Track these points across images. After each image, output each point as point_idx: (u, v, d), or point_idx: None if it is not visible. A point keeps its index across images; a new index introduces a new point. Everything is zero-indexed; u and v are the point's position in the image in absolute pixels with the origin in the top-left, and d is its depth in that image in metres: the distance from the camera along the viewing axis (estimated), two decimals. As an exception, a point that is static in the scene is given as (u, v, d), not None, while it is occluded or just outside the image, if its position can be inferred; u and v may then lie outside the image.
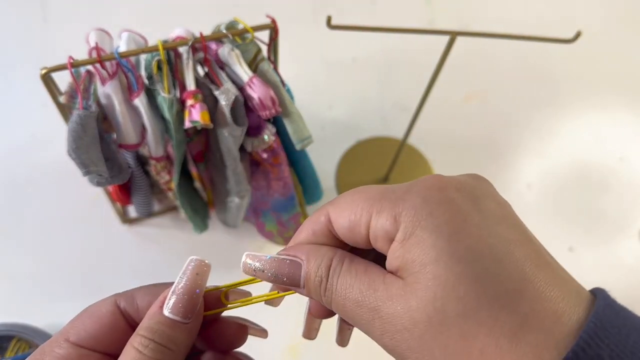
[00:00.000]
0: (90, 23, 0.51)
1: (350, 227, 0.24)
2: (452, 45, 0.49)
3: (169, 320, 0.24)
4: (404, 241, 0.21)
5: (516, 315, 0.19)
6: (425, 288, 0.20)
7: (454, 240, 0.20)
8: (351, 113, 0.82)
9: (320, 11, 0.92)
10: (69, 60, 0.42)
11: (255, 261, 0.25)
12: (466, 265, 0.20)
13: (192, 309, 0.24)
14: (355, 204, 0.24)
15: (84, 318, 0.26)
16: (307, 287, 0.24)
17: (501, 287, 0.20)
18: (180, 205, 0.58)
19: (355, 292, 0.22)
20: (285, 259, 0.25)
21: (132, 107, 0.47)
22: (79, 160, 0.44)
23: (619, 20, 0.96)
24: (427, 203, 0.22)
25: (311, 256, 0.24)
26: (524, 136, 0.82)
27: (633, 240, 0.73)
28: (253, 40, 0.47)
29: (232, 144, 0.49)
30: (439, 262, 0.20)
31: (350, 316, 0.23)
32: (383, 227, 0.22)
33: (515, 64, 0.89)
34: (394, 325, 0.21)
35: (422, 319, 0.20)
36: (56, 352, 0.24)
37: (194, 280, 0.25)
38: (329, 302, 0.24)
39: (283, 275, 0.24)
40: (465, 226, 0.21)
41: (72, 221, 0.69)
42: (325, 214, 0.25)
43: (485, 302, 0.19)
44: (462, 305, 0.20)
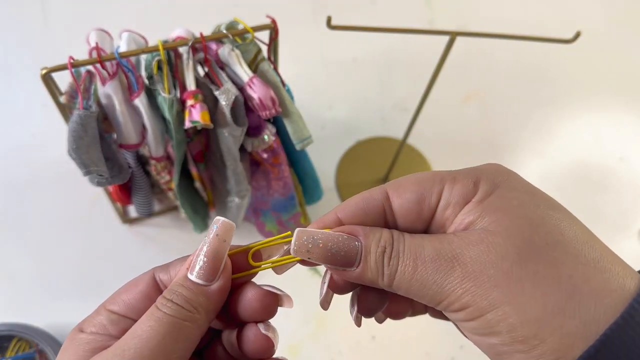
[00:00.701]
0: (91, 23, 0.51)
1: (419, 199, 0.24)
2: (452, 46, 0.49)
3: (190, 282, 0.24)
4: (484, 199, 0.23)
5: (596, 252, 0.22)
6: (510, 226, 0.21)
7: (532, 196, 0.23)
8: (351, 113, 0.82)
9: (320, 11, 0.92)
10: (69, 61, 0.42)
11: (310, 235, 0.24)
12: (548, 210, 0.22)
13: (214, 271, 0.24)
14: (424, 180, 0.25)
15: (123, 289, 0.27)
16: (366, 263, 0.23)
17: (580, 229, 0.22)
18: (181, 205, 0.58)
19: (428, 250, 0.22)
20: (341, 234, 0.24)
21: (133, 107, 0.47)
22: (79, 160, 0.44)
23: (618, 20, 0.96)
24: (502, 173, 0.24)
25: (368, 232, 0.24)
26: (524, 136, 0.82)
27: (633, 240, 0.73)
28: (253, 41, 0.47)
29: (232, 144, 0.49)
30: (522, 207, 0.22)
31: (420, 280, 0.22)
32: (460, 192, 0.23)
33: (514, 64, 0.89)
34: (478, 266, 0.21)
35: (510, 251, 0.21)
36: (95, 318, 0.26)
37: (216, 242, 0.25)
38: (392, 272, 0.23)
39: (340, 251, 0.24)
40: (538, 192, 0.24)
41: (72, 221, 0.69)
42: (382, 192, 0.25)
43: (569, 238, 0.22)
44: (550, 236, 0.21)
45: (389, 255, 0.23)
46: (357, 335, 0.63)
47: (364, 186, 0.75)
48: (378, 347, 0.62)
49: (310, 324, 0.63)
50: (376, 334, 0.62)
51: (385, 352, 0.62)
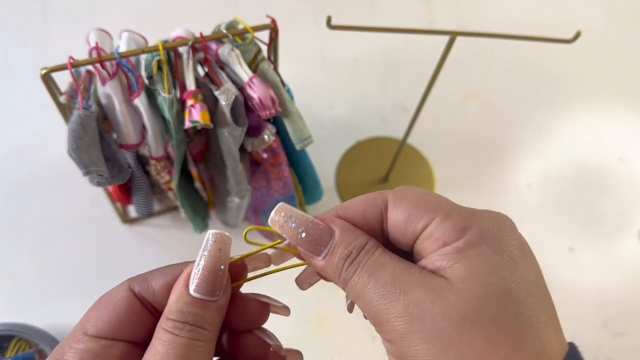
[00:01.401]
0: (91, 23, 0.51)
1: (407, 221, 0.24)
2: (452, 46, 0.49)
3: (198, 301, 0.24)
4: (463, 250, 0.22)
5: (539, 342, 0.21)
6: (470, 289, 0.21)
7: (512, 265, 0.22)
8: (351, 113, 0.82)
9: (321, 11, 0.92)
10: (69, 60, 0.42)
11: (287, 213, 0.25)
12: (517, 287, 0.21)
13: (219, 285, 0.24)
14: (421, 203, 0.24)
15: (100, 308, 0.25)
16: (330, 258, 0.24)
17: (535, 315, 0.21)
18: (181, 205, 0.58)
19: (386, 273, 0.22)
20: (319, 223, 0.24)
21: (132, 107, 0.47)
22: (79, 160, 0.44)
23: (618, 20, 0.96)
24: (498, 230, 0.23)
25: (345, 231, 0.24)
26: (524, 136, 0.82)
27: (633, 240, 0.73)
28: (253, 41, 0.47)
29: (232, 144, 0.49)
30: (494, 275, 0.21)
31: (367, 295, 0.22)
32: (445, 232, 0.23)
33: (514, 64, 0.89)
34: (420, 311, 0.21)
35: (455, 313, 0.20)
36: (75, 347, 0.23)
37: (217, 256, 0.24)
38: (347, 278, 0.23)
39: (311, 237, 0.24)
40: (523, 261, 0.23)
41: (72, 221, 0.69)
42: (384, 199, 0.25)
43: (522, 321, 0.21)
44: (501, 314, 0.20)
45: (350, 262, 0.23)
46: (357, 335, 0.63)
47: (364, 186, 0.75)
48: (378, 347, 0.62)
49: (310, 324, 0.63)
50: (376, 334, 0.62)
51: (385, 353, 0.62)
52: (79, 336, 0.24)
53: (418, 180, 0.76)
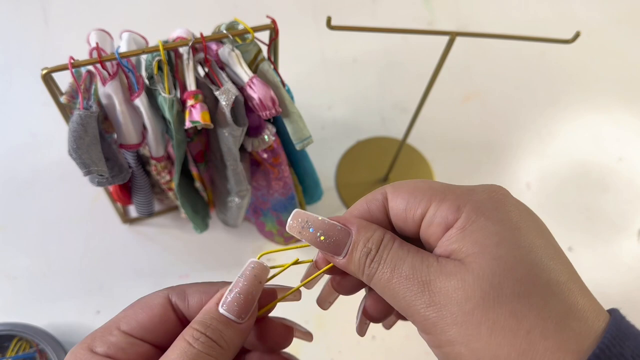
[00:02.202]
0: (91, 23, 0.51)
1: (406, 209, 0.25)
2: (452, 46, 0.49)
3: (223, 318, 0.24)
4: (465, 227, 0.23)
5: (563, 304, 0.21)
6: (484, 267, 0.21)
7: (516, 232, 0.22)
8: (351, 113, 0.82)
9: (321, 12, 0.92)
10: (69, 61, 0.42)
11: (304, 219, 0.25)
12: (526, 253, 0.22)
13: (247, 310, 0.25)
14: (417, 190, 0.25)
15: (137, 308, 0.26)
16: (351, 256, 0.25)
17: (554, 277, 0.22)
18: (181, 205, 0.59)
19: (406, 266, 0.23)
20: (336, 224, 0.25)
21: (133, 107, 0.47)
22: (79, 160, 0.44)
23: (617, 21, 0.96)
24: (493, 200, 0.24)
25: (362, 228, 0.25)
26: (523, 136, 0.82)
27: (632, 240, 0.73)
28: (253, 41, 0.47)
29: (232, 144, 0.49)
30: (500, 246, 0.22)
31: (393, 290, 0.23)
32: (443, 215, 0.23)
33: (514, 64, 0.89)
34: (444, 298, 0.21)
35: (476, 294, 0.21)
36: (107, 338, 0.25)
37: (253, 282, 0.25)
38: (371, 274, 0.24)
39: (330, 239, 0.25)
40: (525, 225, 0.23)
41: (72, 221, 0.69)
42: (383, 193, 0.26)
43: (540, 287, 0.21)
44: (519, 285, 0.21)
45: (372, 259, 0.24)
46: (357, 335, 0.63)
47: (364, 186, 0.75)
48: (378, 347, 0.62)
49: (310, 323, 0.63)
50: (376, 334, 0.62)
51: (385, 351, 0.62)
52: (112, 329, 0.25)
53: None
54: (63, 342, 0.56)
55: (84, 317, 0.62)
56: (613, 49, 0.93)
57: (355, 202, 0.27)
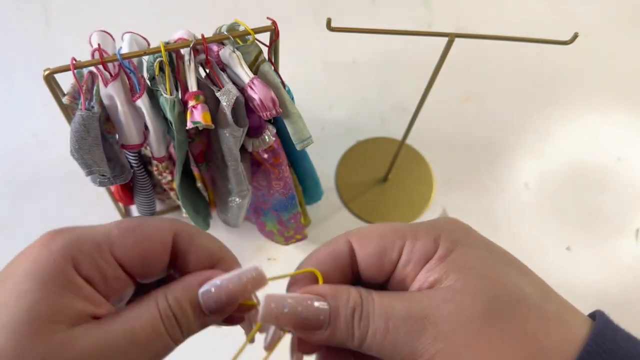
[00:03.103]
0: (93, 25, 0.51)
1: (380, 253, 0.24)
2: (451, 47, 0.49)
3: (197, 307, 0.23)
4: (444, 257, 0.23)
5: (554, 303, 0.23)
6: (475, 285, 0.22)
7: (492, 253, 0.24)
8: (351, 114, 0.83)
9: (321, 13, 0.92)
10: (71, 62, 0.42)
11: (279, 302, 0.23)
12: (506, 267, 0.23)
13: (221, 311, 0.23)
14: (386, 232, 0.24)
15: (138, 238, 0.24)
16: (336, 323, 0.23)
17: (537, 284, 0.23)
18: (182, 205, 0.59)
19: (399, 309, 0.22)
20: (308, 297, 0.23)
21: (135, 108, 0.47)
22: (81, 160, 0.45)
23: (616, 21, 0.96)
24: (461, 229, 0.25)
25: (335, 291, 0.23)
26: (522, 136, 0.82)
27: (630, 240, 0.73)
28: (254, 42, 0.47)
29: (233, 144, 0.50)
30: (484, 265, 0.22)
31: (392, 340, 0.22)
32: (421, 249, 0.23)
33: (513, 65, 0.89)
34: (449, 325, 0.21)
35: (478, 311, 0.21)
36: (96, 261, 0.23)
37: (243, 289, 0.23)
38: (364, 332, 0.22)
39: (310, 315, 0.23)
40: (495, 248, 0.24)
41: (74, 221, 0.69)
42: (346, 243, 0.25)
43: (530, 291, 0.22)
44: (513, 294, 0.22)
45: (359, 316, 0.23)
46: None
47: (363, 186, 0.75)
48: None
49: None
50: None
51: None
52: (105, 250, 0.23)
53: (417, 180, 0.77)
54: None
55: (85, 316, 0.62)
56: (611, 49, 0.93)
57: (314, 251, 0.25)
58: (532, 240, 0.72)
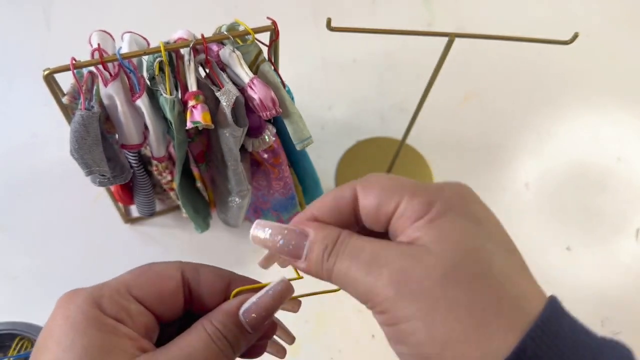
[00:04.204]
0: (93, 25, 0.51)
1: (378, 205, 0.25)
2: (451, 47, 0.49)
3: (241, 326, 0.26)
4: (434, 219, 0.24)
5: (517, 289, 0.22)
6: (445, 249, 0.22)
7: (478, 225, 0.24)
8: (351, 113, 0.83)
9: (321, 13, 0.92)
10: (71, 61, 0.42)
11: (265, 228, 0.26)
12: (486, 242, 0.23)
13: (262, 325, 0.26)
14: (389, 187, 0.25)
15: (150, 276, 0.26)
16: (310, 257, 0.25)
17: (509, 264, 0.23)
18: (182, 205, 0.59)
19: (365, 253, 0.24)
20: (294, 229, 0.26)
21: (134, 107, 0.47)
22: (81, 160, 0.45)
23: (616, 21, 0.96)
24: (461, 198, 0.25)
25: (318, 229, 0.26)
26: (522, 136, 0.82)
27: (630, 239, 0.73)
28: (254, 42, 0.47)
29: (233, 144, 0.50)
30: (463, 234, 0.23)
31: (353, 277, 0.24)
32: (414, 208, 0.24)
33: (513, 65, 0.89)
34: (404, 276, 0.22)
35: (437, 272, 0.22)
36: (119, 301, 0.25)
37: (278, 302, 0.26)
38: (329, 268, 0.25)
39: (288, 243, 0.26)
40: (487, 220, 0.25)
41: (74, 221, 0.69)
42: (352, 189, 0.27)
43: (496, 271, 0.22)
44: (477, 268, 0.22)
45: (329, 253, 0.25)
46: (356, 334, 0.63)
47: (363, 186, 0.75)
48: (377, 345, 0.62)
49: (309, 323, 0.64)
50: (376, 333, 0.63)
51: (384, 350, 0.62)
52: (123, 291, 0.25)
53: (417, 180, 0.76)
54: (65, 341, 0.57)
55: (85, 316, 0.62)
56: (612, 49, 0.93)
57: (322, 196, 0.28)
58: (532, 240, 0.72)
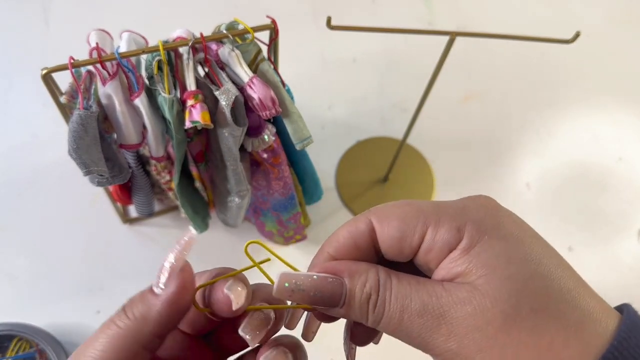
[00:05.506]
0: (91, 23, 0.51)
1: (401, 238, 0.23)
2: (452, 46, 0.49)
3: (148, 293, 0.24)
4: (469, 249, 0.22)
5: (578, 310, 0.21)
6: (499, 287, 0.21)
7: (520, 246, 0.22)
8: (351, 113, 0.82)
9: (321, 11, 0.92)
10: (69, 61, 0.42)
11: (291, 280, 0.24)
12: (536, 266, 0.22)
13: (166, 279, 0.23)
14: (408, 216, 0.24)
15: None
16: (351, 304, 0.23)
17: (564, 285, 0.22)
18: (181, 205, 0.59)
19: (415, 302, 0.22)
20: (327, 277, 0.24)
21: (133, 107, 0.47)
22: (79, 160, 0.44)
23: (617, 21, 0.96)
24: (491, 216, 0.23)
25: (354, 272, 0.23)
26: (523, 136, 0.82)
27: (632, 240, 0.73)
28: (253, 41, 0.47)
29: (232, 144, 0.49)
30: (510, 264, 0.21)
31: (406, 330, 0.22)
32: (444, 238, 0.23)
33: (514, 64, 0.89)
34: (464, 328, 0.21)
35: (496, 317, 0.21)
36: None
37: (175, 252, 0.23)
38: (378, 318, 0.23)
39: (324, 294, 0.23)
40: (527, 238, 0.23)
41: (72, 221, 0.69)
42: (367, 223, 0.25)
43: (554, 298, 0.21)
44: (535, 301, 0.21)
45: (374, 303, 0.23)
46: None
47: (363, 186, 0.75)
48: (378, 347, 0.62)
49: (310, 323, 0.63)
50: (376, 334, 0.62)
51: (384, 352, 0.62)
52: None
53: (418, 180, 0.76)
54: (63, 342, 0.56)
55: (84, 317, 0.62)
56: (613, 49, 0.93)
57: (335, 232, 0.25)
58: (533, 241, 0.72)
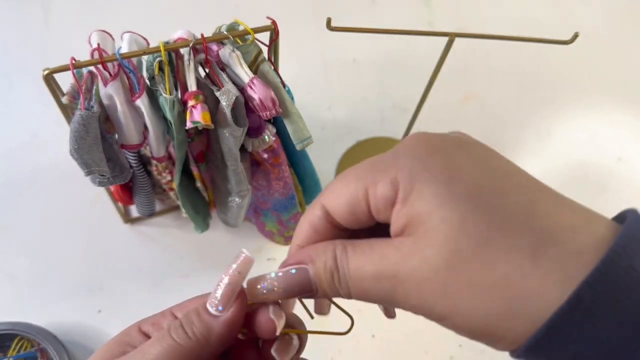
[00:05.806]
0: (92, 24, 0.51)
1: (350, 209, 0.24)
2: (451, 47, 0.49)
3: (204, 312, 0.24)
4: (405, 199, 0.21)
5: (531, 234, 0.19)
6: (435, 234, 0.20)
7: (452, 184, 0.21)
8: (351, 113, 0.83)
9: (321, 12, 0.92)
10: (71, 61, 0.42)
11: (261, 283, 0.25)
12: (469, 202, 0.20)
13: (225, 302, 0.24)
14: (348, 185, 0.24)
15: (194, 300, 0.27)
16: (322, 288, 0.24)
17: (509, 211, 0.20)
18: (182, 205, 0.59)
19: (369, 269, 0.22)
20: (289, 270, 0.24)
21: (134, 107, 0.47)
22: (81, 160, 0.45)
23: (616, 21, 0.96)
24: (419, 159, 0.22)
25: (314, 257, 0.24)
26: (522, 137, 0.82)
27: (631, 240, 0.73)
28: (254, 42, 0.47)
29: (232, 144, 0.50)
30: (443, 206, 0.20)
31: (373, 295, 0.22)
32: (382, 195, 0.22)
33: (513, 65, 0.89)
34: (415, 282, 0.21)
35: (440, 264, 0.20)
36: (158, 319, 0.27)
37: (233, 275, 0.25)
38: (347, 292, 0.23)
39: (294, 287, 0.24)
40: (460, 168, 0.21)
41: (73, 221, 0.69)
42: (320, 207, 0.25)
43: (496, 229, 0.20)
44: (475, 238, 0.20)
45: (338, 280, 0.23)
46: (356, 334, 0.63)
47: (363, 186, 0.75)
48: (377, 345, 0.62)
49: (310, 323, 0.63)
50: (375, 333, 0.62)
51: (384, 350, 0.63)
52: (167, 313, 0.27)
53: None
54: (64, 341, 0.57)
55: (85, 316, 0.62)
56: (612, 49, 0.93)
57: (296, 229, 0.26)
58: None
